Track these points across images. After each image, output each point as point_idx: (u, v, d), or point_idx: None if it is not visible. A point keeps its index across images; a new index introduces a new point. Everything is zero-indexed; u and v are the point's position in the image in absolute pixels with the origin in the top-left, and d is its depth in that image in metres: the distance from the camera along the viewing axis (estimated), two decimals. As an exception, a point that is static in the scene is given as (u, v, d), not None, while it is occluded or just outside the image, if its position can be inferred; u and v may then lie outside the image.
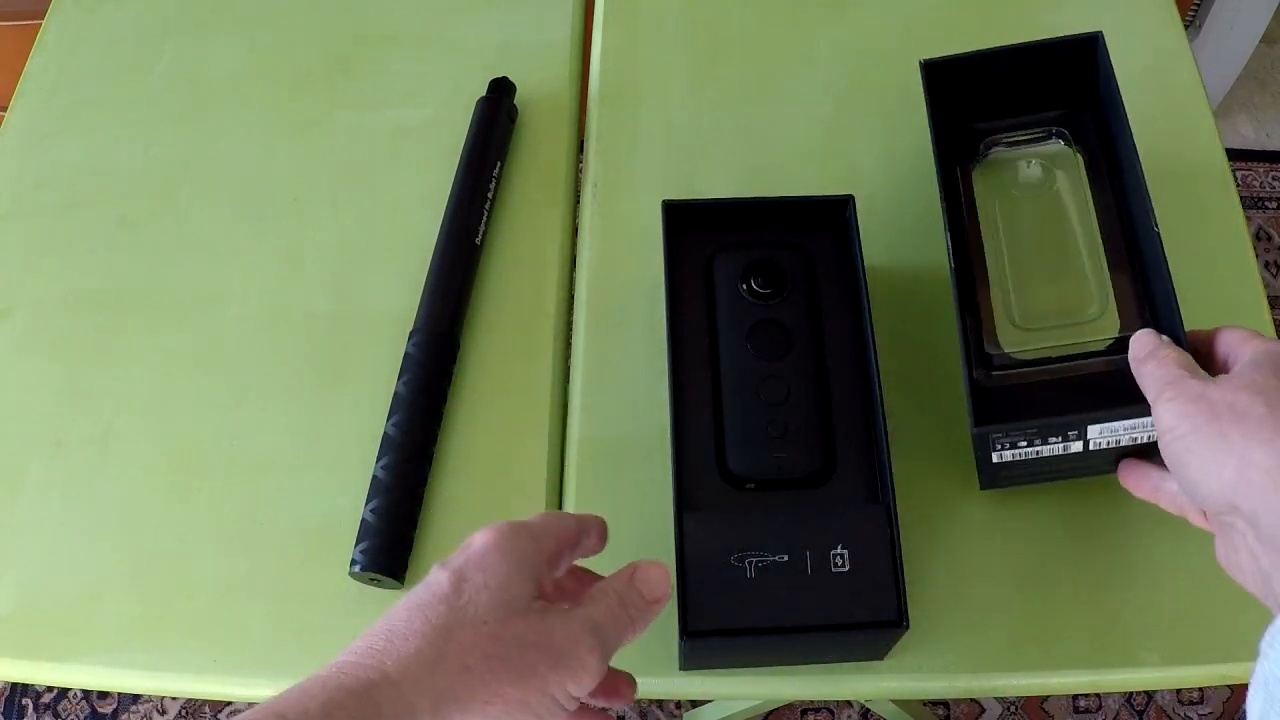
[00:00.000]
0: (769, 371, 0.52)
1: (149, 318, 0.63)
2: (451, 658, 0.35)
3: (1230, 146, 1.58)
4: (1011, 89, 0.59)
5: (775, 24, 0.72)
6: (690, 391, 0.51)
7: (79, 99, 0.72)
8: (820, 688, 0.52)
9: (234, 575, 0.55)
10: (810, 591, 0.46)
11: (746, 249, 0.55)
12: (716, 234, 0.56)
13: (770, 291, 0.53)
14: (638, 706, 1.23)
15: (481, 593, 0.37)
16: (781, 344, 0.52)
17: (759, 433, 0.50)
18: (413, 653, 0.35)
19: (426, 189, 0.65)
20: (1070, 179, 0.58)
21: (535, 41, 0.72)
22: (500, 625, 0.37)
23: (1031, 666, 0.51)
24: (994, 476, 0.51)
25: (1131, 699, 1.21)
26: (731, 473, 0.50)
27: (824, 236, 0.56)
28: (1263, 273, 0.87)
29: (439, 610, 0.37)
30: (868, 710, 1.20)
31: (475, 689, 0.35)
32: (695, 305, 0.54)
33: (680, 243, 0.55)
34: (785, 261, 0.54)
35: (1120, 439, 0.48)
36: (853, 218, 0.54)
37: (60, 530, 0.57)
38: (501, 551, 0.39)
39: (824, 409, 0.51)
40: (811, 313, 0.53)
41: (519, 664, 0.36)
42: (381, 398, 0.58)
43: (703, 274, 0.55)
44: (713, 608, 0.46)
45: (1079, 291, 0.55)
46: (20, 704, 1.26)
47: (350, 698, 0.34)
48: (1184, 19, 1.40)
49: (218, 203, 0.67)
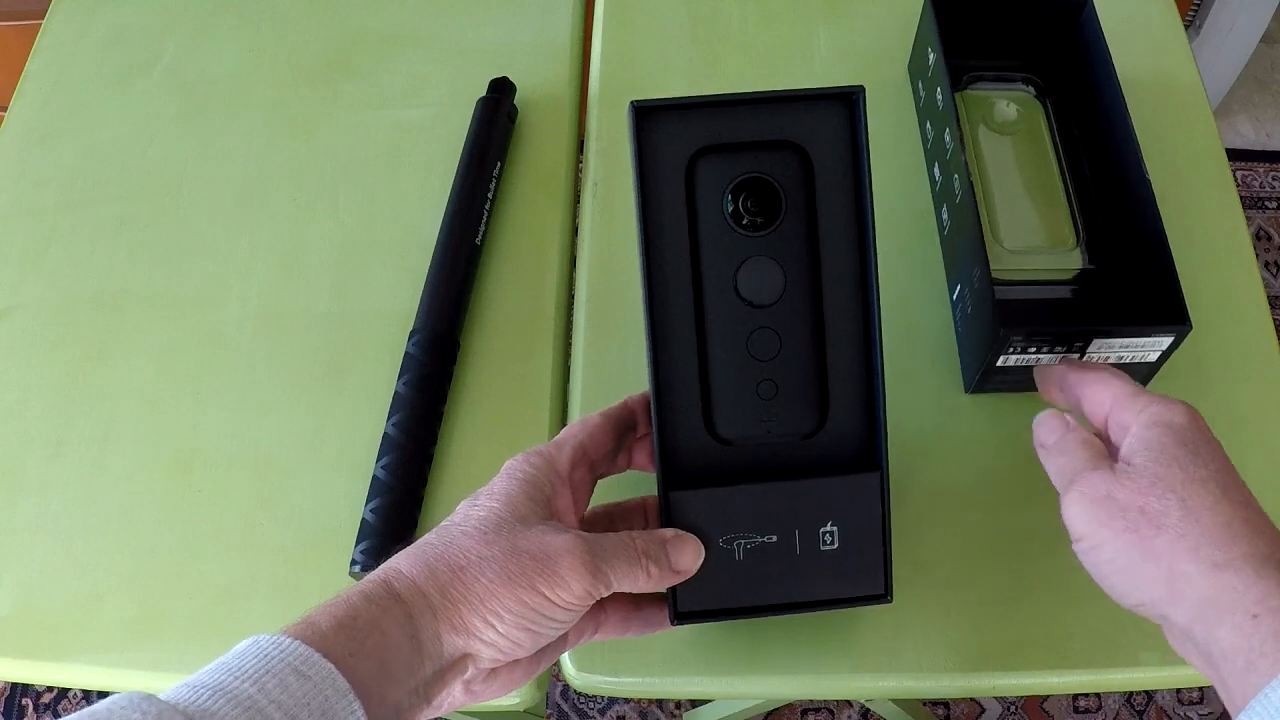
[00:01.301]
0: (759, 320, 0.46)
1: (149, 318, 0.63)
2: (449, 560, 0.39)
3: (1230, 146, 1.58)
4: (995, 37, 0.64)
5: (775, 24, 0.72)
6: (673, 346, 0.46)
7: (79, 99, 0.72)
8: (820, 686, 0.52)
9: (234, 575, 0.55)
10: (799, 572, 0.46)
11: (734, 154, 0.45)
12: (697, 135, 0.45)
13: (761, 220, 0.45)
14: (638, 706, 1.23)
15: (485, 510, 0.41)
16: (773, 286, 0.45)
17: (748, 394, 0.46)
18: (419, 554, 0.40)
19: (426, 189, 0.65)
20: (1038, 123, 0.64)
21: (535, 41, 0.72)
22: (497, 534, 0.40)
23: (1031, 666, 0.51)
24: (988, 379, 0.55)
25: (1131, 699, 1.21)
26: (719, 435, 0.47)
27: (826, 138, 0.45)
28: (1263, 273, 0.87)
29: (447, 527, 0.41)
30: (868, 710, 1.21)
31: (470, 585, 0.39)
32: (675, 231, 0.45)
33: (654, 149, 0.45)
34: (780, 175, 0.45)
35: (1109, 356, 0.52)
36: (862, 112, 0.44)
37: (60, 530, 0.57)
38: (509, 475, 0.43)
39: (819, 361, 0.46)
40: (809, 242, 0.45)
41: (508, 566, 0.39)
42: (381, 398, 0.58)
43: (683, 189, 0.45)
44: (701, 590, 0.45)
45: (1056, 223, 0.61)
46: (20, 704, 1.26)
47: (372, 585, 0.38)
48: (1184, 19, 1.40)
49: (218, 203, 0.67)
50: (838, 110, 0.45)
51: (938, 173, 0.61)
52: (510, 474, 0.43)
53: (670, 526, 0.45)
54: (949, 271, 0.61)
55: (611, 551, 0.41)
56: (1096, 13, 0.60)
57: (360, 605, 0.37)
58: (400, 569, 0.39)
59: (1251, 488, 0.56)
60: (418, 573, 0.39)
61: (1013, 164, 0.62)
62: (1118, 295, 0.58)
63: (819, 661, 0.51)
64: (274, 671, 0.34)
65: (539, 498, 0.42)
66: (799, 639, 0.51)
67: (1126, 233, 0.58)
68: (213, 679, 0.34)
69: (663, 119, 0.45)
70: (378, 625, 0.37)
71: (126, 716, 0.32)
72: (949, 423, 0.57)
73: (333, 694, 0.35)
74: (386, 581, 0.39)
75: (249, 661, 0.35)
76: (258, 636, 0.36)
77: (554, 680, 1.17)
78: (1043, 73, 0.65)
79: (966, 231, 0.56)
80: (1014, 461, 0.56)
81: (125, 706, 0.33)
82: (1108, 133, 0.59)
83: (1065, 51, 0.64)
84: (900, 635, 0.51)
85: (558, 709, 1.24)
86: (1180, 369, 0.57)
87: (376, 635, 0.37)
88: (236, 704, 0.33)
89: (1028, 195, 0.62)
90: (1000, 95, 0.65)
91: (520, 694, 0.51)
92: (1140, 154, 0.56)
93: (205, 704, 0.33)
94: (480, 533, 0.40)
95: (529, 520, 0.41)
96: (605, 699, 1.22)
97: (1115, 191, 0.59)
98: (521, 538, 0.40)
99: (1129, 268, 0.58)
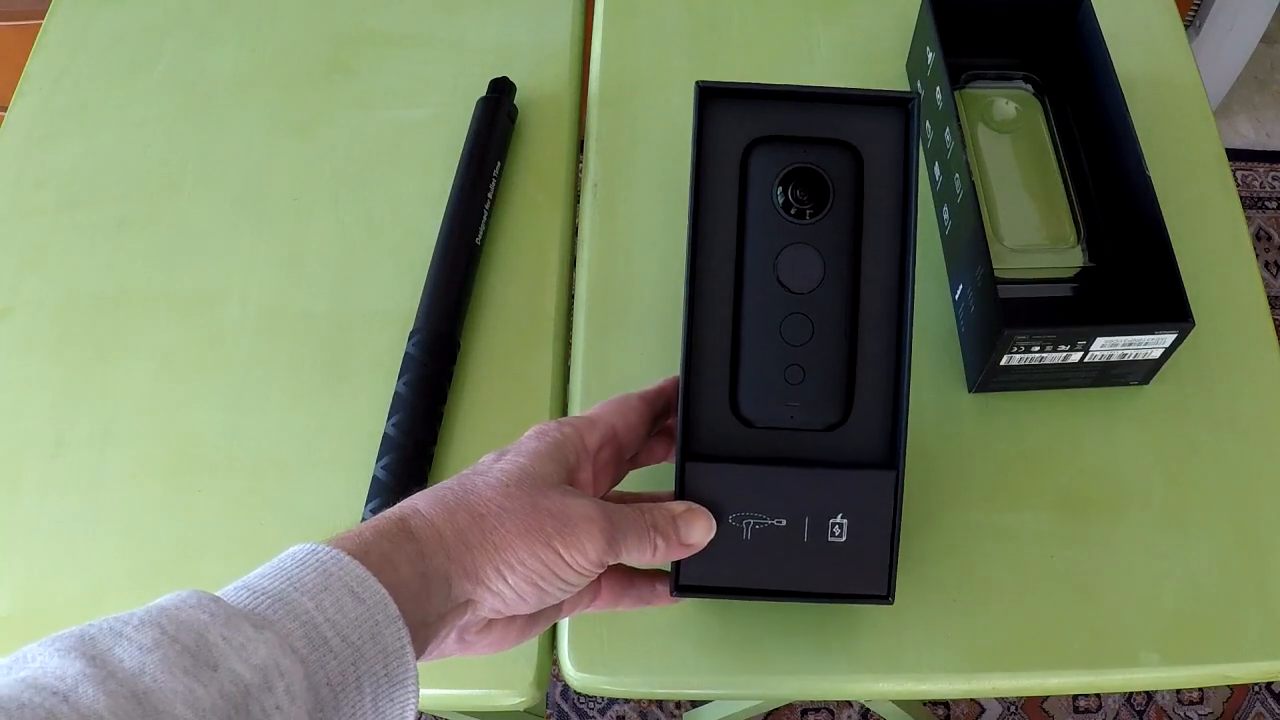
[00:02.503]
0: (794, 306, 0.47)
1: (149, 318, 0.63)
2: (470, 506, 0.39)
3: (1230, 146, 1.58)
4: (993, 35, 0.65)
5: (775, 24, 0.72)
6: (708, 320, 0.47)
7: (79, 99, 0.72)
8: (820, 687, 0.52)
9: (234, 575, 0.54)
10: (803, 560, 0.46)
11: (788, 145, 0.47)
12: (756, 125, 0.47)
13: (809, 209, 0.46)
14: (638, 706, 1.23)
15: (510, 464, 0.41)
16: (812, 274, 0.46)
17: (775, 376, 0.47)
18: (438, 497, 0.40)
19: (426, 189, 0.65)
20: (1037, 121, 0.64)
21: (535, 41, 0.72)
22: (519, 488, 0.40)
23: (1031, 666, 0.51)
24: (991, 379, 0.55)
25: (1131, 699, 1.21)
26: (742, 415, 0.47)
27: (879, 140, 0.47)
28: (1263, 273, 0.87)
29: (470, 475, 0.41)
30: (868, 710, 1.21)
31: (488, 533, 0.39)
32: (724, 211, 0.47)
33: (713, 132, 0.47)
34: (831, 169, 0.47)
35: (1113, 354, 0.53)
36: (915, 117, 0.46)
37: (60, 530, 0.57)
38: (539, 436, 0.43)
39: (849, 353, 0.47)
40: (851, 237, 0.47)
41: (528, 520, 0.39)
42: (381, 398, 0.58)
43: (737, 173, 0.47)
44: (705, 566, 0.46)
45: (1056, 220, 0.61)
46: (20, 704, 1.25)
47: (386, 521, 0.38)
48: (1184, 19, 1.40)
49: (218, 203, 0.67)
50: (893, 114, 0.47)
51: (938, 172, 0.61)
52: (540, 435, 0.43)
53: (684, 497, 0.46)
54: (950, 271, 0.61)
55: (625, 523, 0.42)
56: (1094, 10, 0.61)
57: (372, 540, 0.37)
58: (419, 507, 0.39)
59: (1252, 487, 0.56)
60: (436, 513, 0.39)
61: (1012, 162, 0.63)
62: (1119, 293, 0.58)
63: (819, 662, 0.51)
64: (331, 589, 0.35)
65: (564, 464, 0.42)
66: (799, 639, 0.51)
67: (1127, 230, 0.58)
68: (272, 585, 0.35)
69: (726, 105, 0.47)
70: (390, 561, 0.37)
71: (193, 614, 0.32)
72: (949, 422, 0.57)
73: (384, 619, 0.35)
74: (402, 519, 0.39)
75: (309, 574, 0.35)
76: (314, 545, 0.36)
77: (554, 680, 1.17)
78: (1041, 70, 0.66)
79: (968, 230, 0.56)
80: (1014, 461, 0.56)
81: (192, 604, 0.33)
82: (1107, 129, 0.60)
83: (1063, 49, 0.64)
84: (900, 635, 0.51)
85: (558, 709, 1.23)
86: (1181, 369, 0.57)
87: (389, 572, 0.36)
88: (294, 617, 0.34)
89: (1028, 193, 0.62)
90: (999, 94, 0.65)
91: (520, 694, 0.51)
92: (1140, 149, 0.56)
93: (265, 612, 0.34)
94: (503, 485, 0.40)
95: (551, 480, 0.41)
96: (605, 699, 1.22)
97: (1115, 188, 0.59)
98: (543, 496, 0.40)
99: (1130, 265, 0.58)
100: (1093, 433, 0.56)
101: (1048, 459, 0.56)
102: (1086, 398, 0.57)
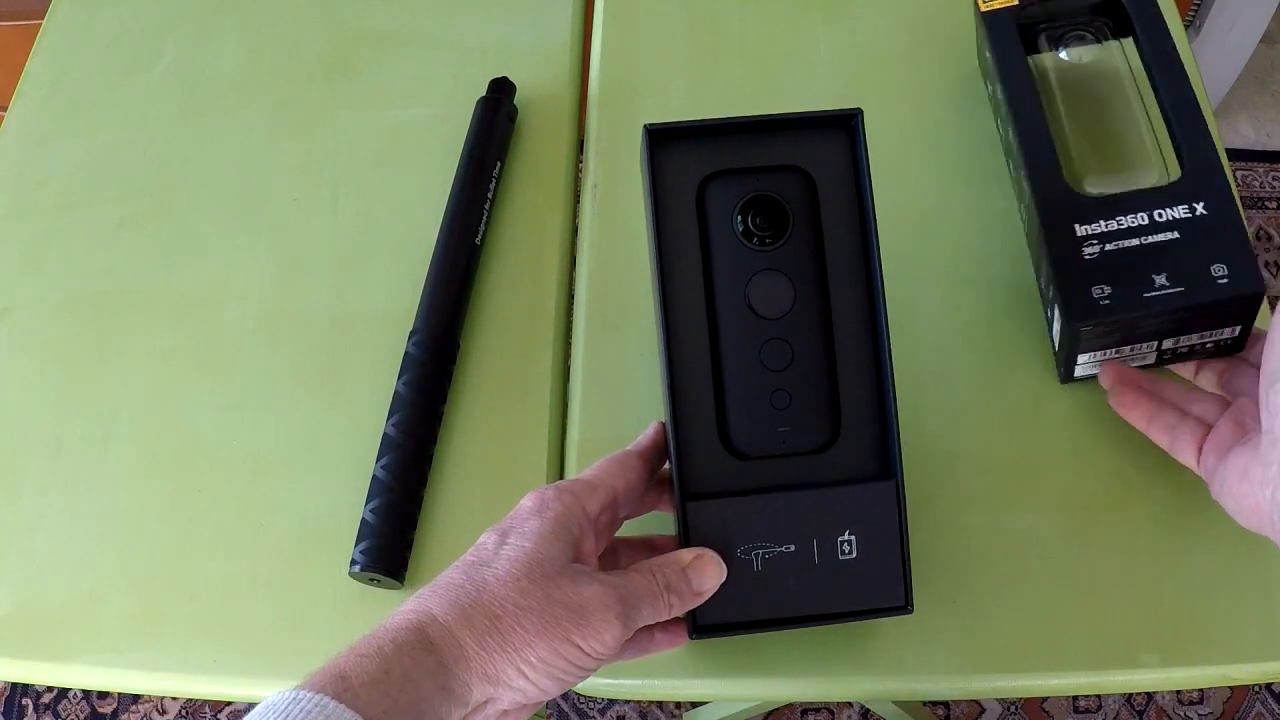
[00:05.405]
0: (771, 332, 0.47)
1: (149, 318, 0.63)
2: (485, 607, 0.39)
3: (1230, 146, 1.58)
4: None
5: (775, 24, 0.72)
6: (688, 359, 0.47)
7: (79, 99, 0.72)
8: (820, 688, 0.52)
9: (234, 575, 0.55)
10: (818, 582, 0.46)
11: (741, 176, 0.48)
12: (707, 161, 0.48)
13: (770, 235, 0.47)
14: (638, 706, 1.23)
15: (517, 550, 0.40)
16: (783, 299, 0.47)
17: (762, 404, 0.47)
18: (452, 599, 0.39)
19: (426, 189, 0.65)
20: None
21: (535, 41, 0.72)
22: (530, 581, 0.39)
23: (1031, 667, 0.51)
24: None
25: (1131, 699, 1.21)
26: (734, 447, 0.48)
27: (828, 160, 0.48)
28: (1263, 273, 0.86)
29: (477, 566, 0.40)
30: (868, 710, 1.21)
31: (507, 635, 0.38)
32: (687, 249, 0.48)
33: (667, 175, 0.48)
34: (787, 194, 0.48)
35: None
36: (860, 134, 0.47)
37: (60, 530, 0.57)
38: (539, 513, 0.42)
39: (830, 369, 0.47)
40: (816, 257, 0.48)
41: (544, 617, 0.39)
42: (381, 398, 0.58)
43: (694, 210, 0.48)
44: (721, 603, 0.45)
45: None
46: (20, 704, 1.26)
47: (404, 632, 0.38)
48: (1184, 19, 1.40)
49: (218, 203, 0.67)
50: (839, 134, 0.48)
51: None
52: (540, 511, 0.42)
53: (688, 537, 0.45)
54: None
55: (639, 595, 0.41)
56: None
57: (393, 657, 0.37)
58: (434, 614, 0.39)
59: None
60: (453, 620, 0.38)
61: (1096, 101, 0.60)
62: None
63: (819, 663, 0.51)
64: None
65: (569, 540, 0.42)
66: (799, 640, 0.51)
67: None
68: None
69: (675, 147, 0.48)
70: (412, 679, 0.37)
71: None
72: (950, 422, 0.57)
73: None
74: (420, 628, 0.38)
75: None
76: (296, 693, 0.35)
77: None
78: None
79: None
80: (1015, 461, 0.56)
81: None
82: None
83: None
84: (900, 637, 0.51)
85: (558, 709, 1.24)
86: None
87: (411, 690, 0.36)
88: None
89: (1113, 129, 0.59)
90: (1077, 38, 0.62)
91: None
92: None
93: None
94: (514, 579, 0.39)
95: (559, 564, 0.40)
96: (605, 699, 1.22)
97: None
98: (556, 587, 0.40)
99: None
100: (1093, 432, 0.56)
101: (1048, 459, 0.56)
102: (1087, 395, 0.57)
